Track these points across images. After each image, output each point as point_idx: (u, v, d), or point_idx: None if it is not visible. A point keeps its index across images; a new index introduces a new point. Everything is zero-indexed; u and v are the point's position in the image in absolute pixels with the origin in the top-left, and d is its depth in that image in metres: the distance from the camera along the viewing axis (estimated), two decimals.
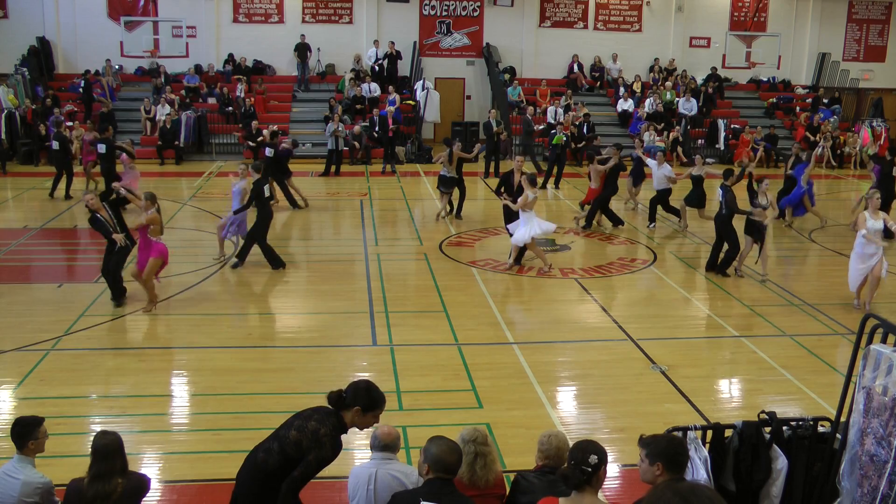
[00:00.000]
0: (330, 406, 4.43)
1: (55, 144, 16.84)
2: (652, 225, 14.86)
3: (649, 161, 15.29)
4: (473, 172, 21.32)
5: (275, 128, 18.79)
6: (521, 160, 13.05)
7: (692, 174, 14.52)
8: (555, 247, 13.45)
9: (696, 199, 14.41)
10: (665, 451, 3.71)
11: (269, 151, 16.12)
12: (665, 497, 2.75)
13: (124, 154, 15.28)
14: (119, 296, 9.94)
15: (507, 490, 4.50)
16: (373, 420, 4.48)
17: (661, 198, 14.91)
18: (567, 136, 19.84)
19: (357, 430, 4.54)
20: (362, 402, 4.39)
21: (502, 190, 12.56)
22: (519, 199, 11.58)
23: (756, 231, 11.48)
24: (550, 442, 4.47)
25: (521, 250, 11.95)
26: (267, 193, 11.70)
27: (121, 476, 4.21)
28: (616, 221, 14.79)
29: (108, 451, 4.19)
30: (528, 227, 11.55)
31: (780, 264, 12.84)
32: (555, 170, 19.30)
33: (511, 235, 12.04)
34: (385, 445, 4.41)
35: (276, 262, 11.67)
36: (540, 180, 19.55)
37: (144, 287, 9.71)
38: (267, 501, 4.37)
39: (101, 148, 15.92)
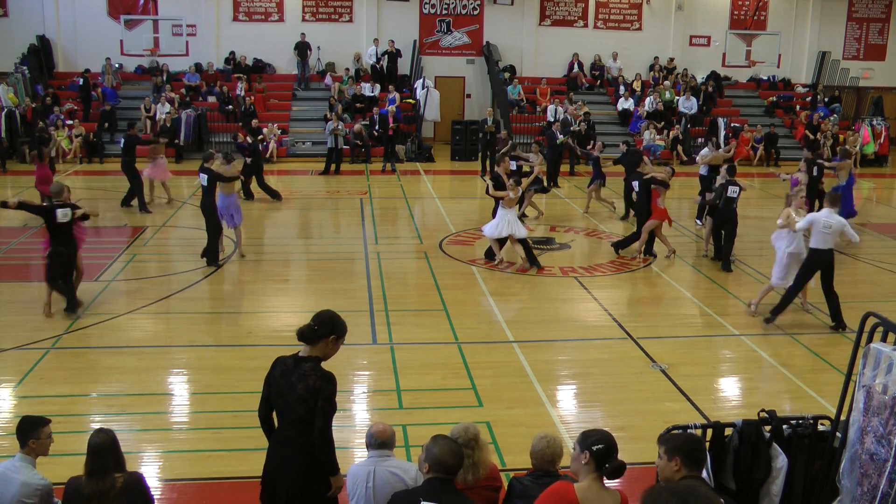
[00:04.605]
0: (302, 341, 4.40)
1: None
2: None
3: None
4: (472, 171, 21.35)
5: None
6: (507, 162, 13.15)
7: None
8: (554, 245, 13.45)
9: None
10: (683, 445, 3.71)
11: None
12: (662, 497, 2.74)
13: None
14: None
15: (503, 483, 4.52)
16: (338, 347, 4.45)
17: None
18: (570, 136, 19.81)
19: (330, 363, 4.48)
20: (339, 330, 4.41)
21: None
22: (498, 192, 11.70)
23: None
24: (542, 445, 4.44)
25: (500, 244, 11.93)
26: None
27: (117, 472, 4.19)
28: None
29: (101, 448, 4.17)
30: (499, 223, 11.64)
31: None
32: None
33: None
34: (381, 443, 4.42)
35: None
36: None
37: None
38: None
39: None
